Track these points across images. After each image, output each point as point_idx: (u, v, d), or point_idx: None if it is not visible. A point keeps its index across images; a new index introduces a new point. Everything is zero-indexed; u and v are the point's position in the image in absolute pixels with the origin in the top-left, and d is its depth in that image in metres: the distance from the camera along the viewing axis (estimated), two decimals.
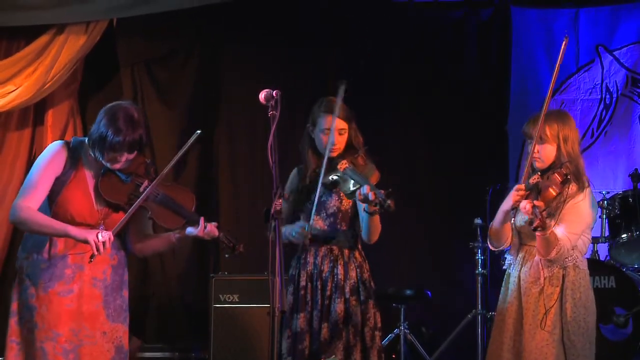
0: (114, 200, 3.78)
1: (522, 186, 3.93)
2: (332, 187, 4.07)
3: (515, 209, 3.99)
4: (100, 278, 3.80)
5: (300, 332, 4.07)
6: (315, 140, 4.19)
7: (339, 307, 4.08)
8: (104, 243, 3.65)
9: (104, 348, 3.78)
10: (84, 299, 3.75)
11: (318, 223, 4.16)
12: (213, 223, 3.91)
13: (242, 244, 4.01)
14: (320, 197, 4.06)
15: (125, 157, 3.73)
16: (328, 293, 4.10)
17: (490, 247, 4.21)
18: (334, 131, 4.12)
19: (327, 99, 4.22)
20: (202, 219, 3.88)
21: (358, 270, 4.14)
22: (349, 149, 4.16)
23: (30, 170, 3.77)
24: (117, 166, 3.76)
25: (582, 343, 3.98)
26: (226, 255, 4.05)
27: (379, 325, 4.16)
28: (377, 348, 4.10)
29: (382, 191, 3.83)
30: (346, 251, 4.15)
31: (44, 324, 3.68)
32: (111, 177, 3.78)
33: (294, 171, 4.29)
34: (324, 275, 4.11)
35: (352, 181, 3.95)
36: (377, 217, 4.02)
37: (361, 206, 4.02)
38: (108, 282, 3.82)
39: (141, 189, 3.78)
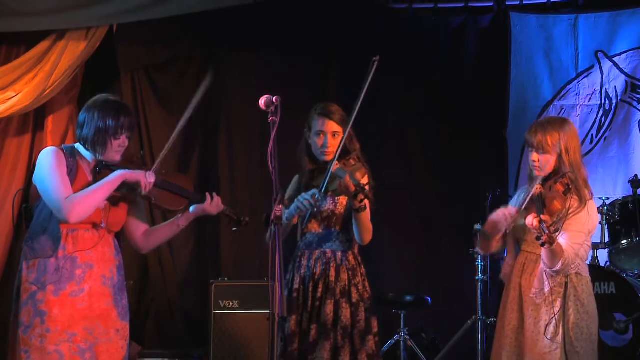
0: (116, 193, 3.80)
1: (515, 209, 3.97)
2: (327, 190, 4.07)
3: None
4: (109, 277, 3.83)
5: (290, 335, 4.08)
6: (312, 144, 4.20)
7: (328, 308, 4.07)
8: (150, 184, 3.77)
9: (119, 345, 3.82)
10: (95, 297, 3.77)
11: (313, 227, 4.18)
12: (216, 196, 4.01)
13: (246, 217, 4.12)
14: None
15: (126, 141, 3.80)
16: (319, 295, 4.10)
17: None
18: (329, 134, 4.13)
19: (324, 103, 4.24)
20: (207, 194, 3.98)
21: (350, 273, 4.13)
22: (345, 154, 4.14)
23: (43, 177, 3.72)
24: (117, 157, 3.80)
25: (585, 350, 3.96)
26: (233, 229, 4.16)
27: (374, 330, 4.13)
28: (368, 352, 4.07)
29: (364, 185, 3.85)
30: (339, 254, 4.15)
31: (57, 327, 3.68)
32: (109, 173, 3.80)
33: (296, 177, 4.29)
34: (316, 277, 4.12)
35: (338, 179, 3.96)
36: (365, 215, 4.02)
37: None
38: (115, 281, 3.85)
39: None
